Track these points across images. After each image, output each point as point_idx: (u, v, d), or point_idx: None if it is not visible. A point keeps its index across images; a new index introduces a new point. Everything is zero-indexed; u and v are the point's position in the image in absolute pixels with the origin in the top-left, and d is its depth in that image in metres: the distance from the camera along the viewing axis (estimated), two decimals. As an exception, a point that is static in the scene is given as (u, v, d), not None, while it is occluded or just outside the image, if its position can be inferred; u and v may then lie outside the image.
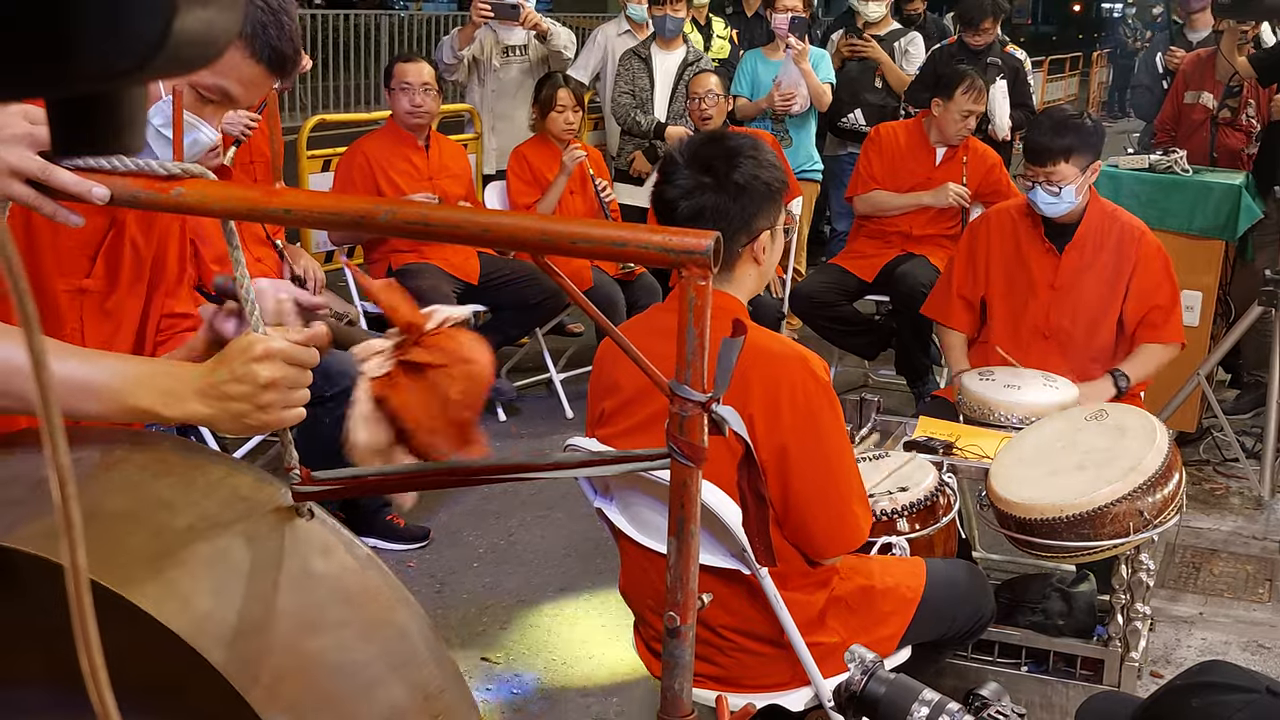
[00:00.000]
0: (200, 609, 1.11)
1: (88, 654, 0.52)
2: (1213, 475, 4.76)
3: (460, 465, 1.43)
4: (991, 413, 3.28)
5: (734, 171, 2.13)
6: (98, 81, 0.45)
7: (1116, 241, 3.68)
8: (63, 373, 1.29)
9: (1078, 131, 3.61)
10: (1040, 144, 3.62)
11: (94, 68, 0.43)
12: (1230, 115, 5.75)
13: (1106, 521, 2.60)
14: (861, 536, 2.24)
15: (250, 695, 1.07)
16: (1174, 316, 3.71)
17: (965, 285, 3.86)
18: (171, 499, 1.20)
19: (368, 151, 4.97)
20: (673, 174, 2.17)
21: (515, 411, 5.27)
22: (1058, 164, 3.56)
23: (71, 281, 1.69)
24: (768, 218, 2.19)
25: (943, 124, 5.07)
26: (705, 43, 6.86)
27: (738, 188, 2.13)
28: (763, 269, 2.24)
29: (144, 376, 1.30)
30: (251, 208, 1.22)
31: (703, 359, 1.13)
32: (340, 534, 1.28)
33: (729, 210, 2.13)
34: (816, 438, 2.14)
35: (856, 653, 1.56)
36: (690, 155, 2.17)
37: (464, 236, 1.13)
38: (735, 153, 2.16)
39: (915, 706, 1.46)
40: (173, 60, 0.45)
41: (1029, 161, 3.66)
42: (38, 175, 1.24)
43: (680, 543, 1.19)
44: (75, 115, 0.51)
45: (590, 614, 3.58)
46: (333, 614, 1.20)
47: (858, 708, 1.52)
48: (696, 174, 2.14)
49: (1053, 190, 3.58)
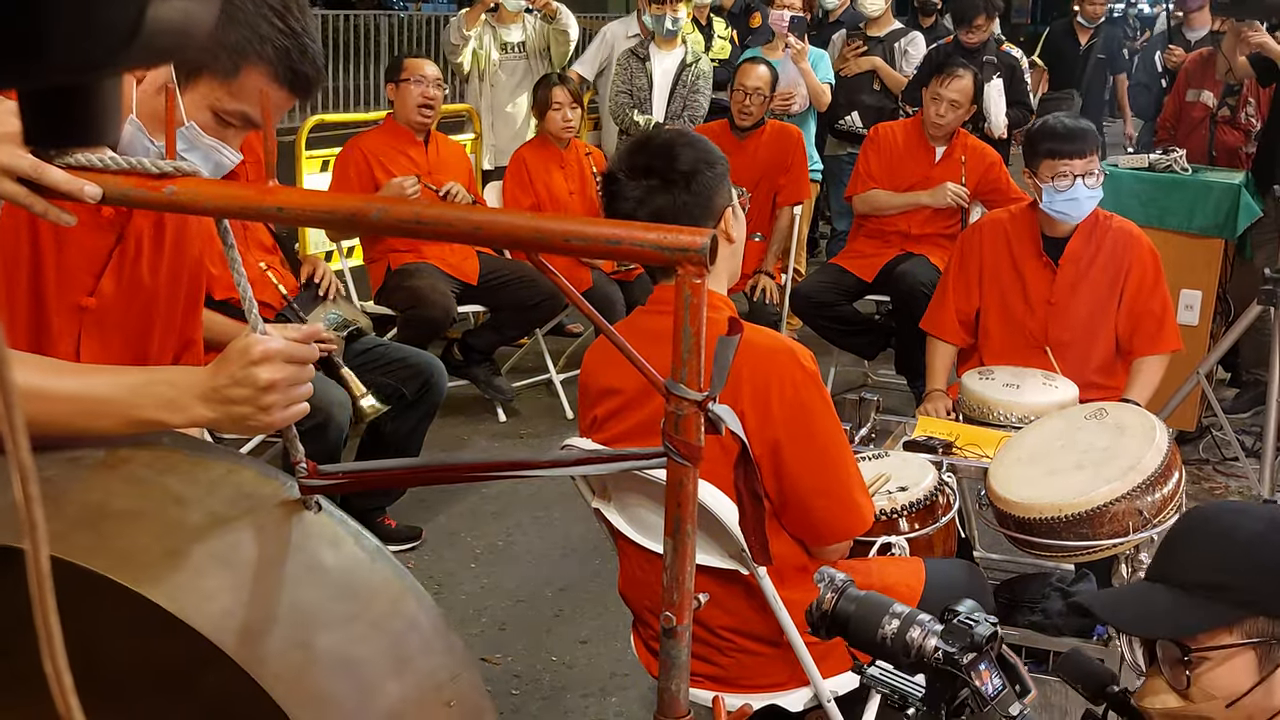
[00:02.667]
0: (218, 605, 1.12)
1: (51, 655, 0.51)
2: (1212, 474, 4.76)
3: (458, 462, 1.43)
4: (991, 412, 3.27)
5: (675, 163, 2.12)
6: (71, 72, 0.44)
7: (1110, 248, 3.63)
8: (63, 391, 1.29)
9: (1091, 128, 3.61)
10: (1075, 130, 3.51)
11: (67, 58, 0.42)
12: (1229, 114, 5.75)
13: (1106, 521, 2.59)
14: (865, 522, 2.23)
15: (274, 690, 1.08)
16: (1167, 323, 3.66)
17: (960, 298, 3.80)
18: (178, 496, 1.21)
19: (365, 149, 4.96)
20: (617, 189, 2.16)
21: (515, 412, 5.27)
22: (1094, 153, 3.50)
23: (72, 298, 1.66)
24: (723, 194, 2.17)
25: (924, 114, 5.08)
26: (706, 43, 6.85)
27: (686, 176, 2.12)
28: (735, 246, 2.23)
29: (142, 387, 1.30)
30: (245, 206, 1.21)
31: (698, 357, 1.12)
32: (348, 525, 1.28)
33: (686, 202, 2.11)
34: (809, 429, 2.13)
35: (826, 573, 1.57)
36: (628, 166, 2.16)
37: (457, 234, 1.12)
38: (668, 147, 2.15)
39: (886, 619, 1.48)
40: (147, 50, 0.45)
41: (1066, 156, 3.46)
42: (29, 173, 1.23)
43: (676, 542, 1.19)
44: (49, 107, 0.50)
45: (589, 614, 3.58)
46: (345, 606, 1.21)
47: (829, 626, 1.53)
48: (641, 180, 2.13)
49: (1092, 183, 3.48)
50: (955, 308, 3.80)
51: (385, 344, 4.16)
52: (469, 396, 5.26)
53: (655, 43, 6.12)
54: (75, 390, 1.29)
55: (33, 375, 1.30)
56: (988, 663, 1.43)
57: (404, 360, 3.99)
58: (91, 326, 1.69)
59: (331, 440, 3.53)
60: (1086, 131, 3.55)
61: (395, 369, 3.95)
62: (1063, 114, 3.89)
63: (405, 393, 3.93)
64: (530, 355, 5.63)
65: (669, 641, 1.22)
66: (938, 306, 3.88)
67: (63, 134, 0.54)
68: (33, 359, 1.37)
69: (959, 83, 4.98)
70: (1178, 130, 5.98)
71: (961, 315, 3.80)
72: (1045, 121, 3.69)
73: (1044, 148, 3.52)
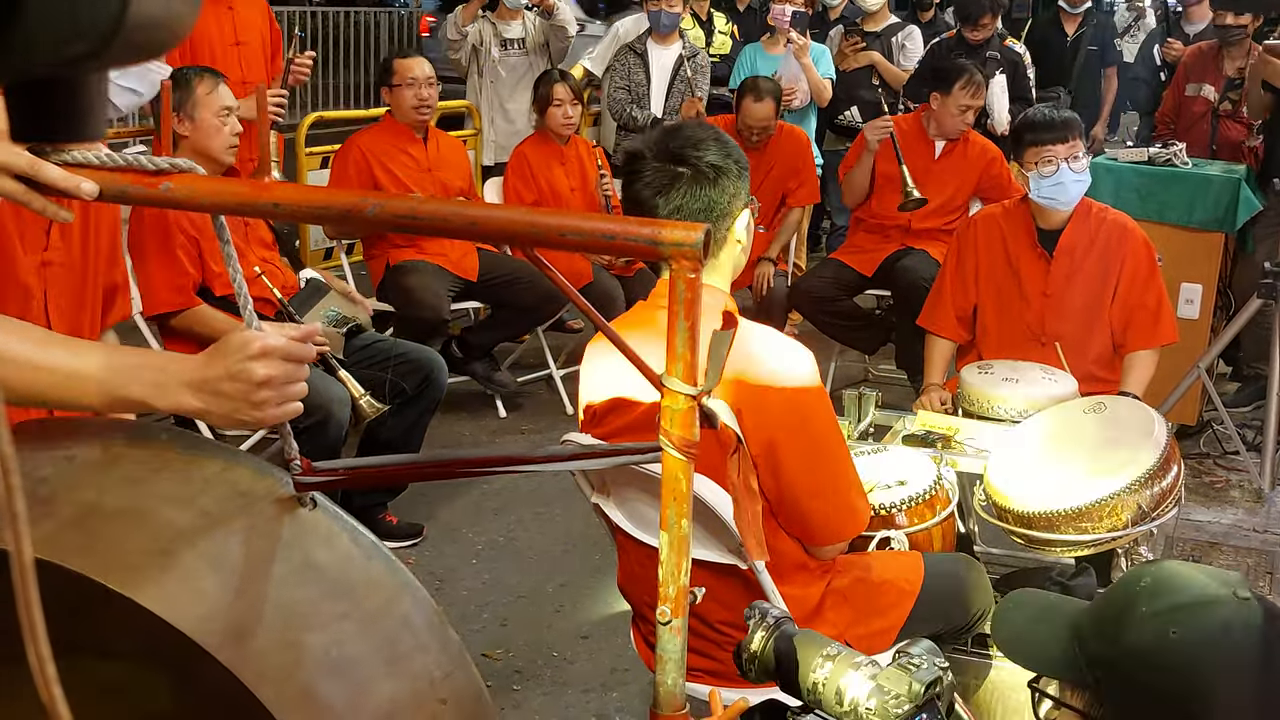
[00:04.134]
0: (205, 606, 1.11)
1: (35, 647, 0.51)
2: (1213, 468, 4.76)
3: (456, 457, 1.43)
4: (990, 406, 3.27)
5: (705, 155, 2.11)
6: (55, 67, 0.44)
7: (1104, 240, 3.64)
8: (50, 363, 1.29)
9: (1072, 115, 3.64)
10: (1056, 119, 3.57)
11: (50, 53, 0.42)
12: (1231, 107, 5.75)
13: (1105, 514, 2.59)
14: (860, 525, 2.23)
15: (260, 691, 1.07)
16: (1163, 317, 3.66)
17: (957, 295, 3.81)
18: (171, 494, 1.20)
19: (363, 146, 4.96)
20: (642, 170, 2.13)
21: (516, 407, 5.27)
22: (1077, 137, 3.54)
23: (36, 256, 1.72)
24: (743, 196, 2.18)
25: (940, 118, 5.05)
26: (707, 38, 6.85)
27: (715, 169, 2.12)
28: (744, 245, 2.22)
29: (130, 369, 1.30)
30: (240, 202, 1.21)
31: (693, 352, 1.12)
32: (344, 521, 1.27)
33: (710, 197, 2.11)
34: (804, 428, 2.13)
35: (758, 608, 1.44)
36: (657, 149, 2.14)
37: (452, 229, 1.13)
38: (700, 139, 2.14)
39: (818, 663, 1.34)
40: (130, 45, 0.45)
41: (1049, 143, 3.52)
42: (26, 170, 1.24)
43: (672, 536, 1.19)
44: (34, 102, 0.50)
45: (590, 610, 3.58)
46: (337, 604, 1.20)
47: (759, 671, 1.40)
48: (668, 165, 2.11)
49: (1079, 166, 3.52)
50: (953, 304, 3.80)
51: (385, 340, 4.16)
52: (470, 392, 5.27)
53: (652, 38, 6.12)
54: (62, 364, 1.29)
55: (23, 344, 1.30)
56: (930, 714, 1.28)
57: (404, 356, 3.99)
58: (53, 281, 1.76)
59: (332, 437, 3.54)
60: (1068, 118, 3.59)
61: (395, 365, 3.96)
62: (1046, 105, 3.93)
63: (405, 388, 3.93)
64: (531, 351, 5.64)
65: (665, 635, 1.22)
66: (935, 303, 3.88)
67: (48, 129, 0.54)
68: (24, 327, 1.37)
69: (981, 90, 5.05)
70: (1177, 124, 5.97)
71: (959, 311, 3.80)
72: (1026, 113, 3.80)
73: (1027, 138, 3.60)
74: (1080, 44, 7.37)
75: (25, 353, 1.29)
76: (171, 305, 3.63)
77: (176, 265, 3.62)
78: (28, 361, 1.29)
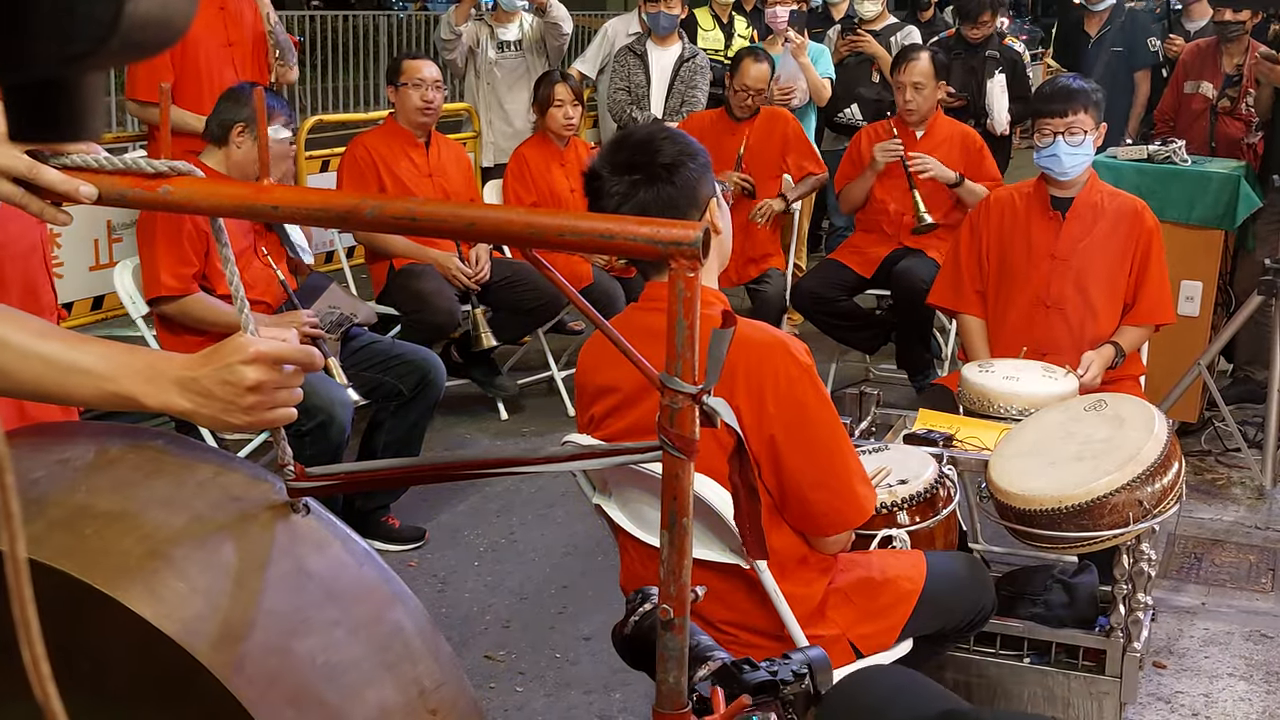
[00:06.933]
0: (193, 610, 1.10)
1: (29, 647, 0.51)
2: (1214, 465, 4.76)
3: (454, 460, 1.43)
4: (991, 404, 3.28)
5: (658, 156, 2.12)
6: (52, 66, 0.44)
7: (1116, 214, 3.70)
8: (47, 354, 1.29)
9: (1086, 89, 3.67)
10: (1060, 91, 3.65)
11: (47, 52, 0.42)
12: (1230, 104, 5.74)
13: (1106, 511, 2.59)
14: (865, 512, 2.23)
15: (243, 696, 1.07)
16: (1164, 298, 3.72)
17: (973, 270, 3.86)
18: (163, 498, 1.20)
19: (370, 147, 4.97)
20: (600, 186, 2.14)
21: (517, 410, 5.27)
22: (1078, 113, 3.59)
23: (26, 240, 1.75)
24: (707, 184, 2.17)
25: (897, 103, 5.19)
26: (726, 41, 6.83)
27: (669, 168, 2.11)
28: (721, 236, 2.22)
29: (125, 364, 1.30)
30: (239, 204, 1.21)
31: (693, 350, 1.12)
32: (336, 528, 1.27)
33: (671, 195, 2.11)
34: (804, 423, 2.13)
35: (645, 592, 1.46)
36: (610, 163, 2.15)
37: (450, 231, 1.13)
38: (648, 141, 2.15)
39: None
40: (128, 44, 0.45)
41: (1047, 115, 3.63)
42: (25, 174, 1.24)
43: (673, 535, 1.19)
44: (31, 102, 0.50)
45: (592, 611, 3.58)
46: (327, 611, 1.19)
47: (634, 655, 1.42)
48: (624, 176, 2.12)
49: (1076, 140, 3.58)
50: (970, 281, 3.86)
51: (381, 340, 4.16)
52: (470, 395, 5.27)
53: (652, 39, 6.12)
54: (58, 355, 1.29)
55: (21, 333, 1.30)
56: None
57: (401, 357, 3.99)
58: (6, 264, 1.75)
59: (333, 440, 3.54)
60: (1073, 91, 3.65)
61: (392, 366, 3.96)
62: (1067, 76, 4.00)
63: (402, 389, 3.93)
64: (532, 353, 5.64)
65: (666, 634, 1.22)
66: (950, 281, 3.91)
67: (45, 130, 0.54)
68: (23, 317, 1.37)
69: (917, 65, 5.10)
70: (1177, 121, 5.96)
71: (977, 285, 3.84)
72: (1041, 87, 3.99)
73: (1033, 109, 3.84)
74: (1103, 45, 7.03)
75: (23, 342, 1.29)
76: (170, 290, 3.68)
77: (181, 253, 3.68)
78: (25, 351, 1.29)
